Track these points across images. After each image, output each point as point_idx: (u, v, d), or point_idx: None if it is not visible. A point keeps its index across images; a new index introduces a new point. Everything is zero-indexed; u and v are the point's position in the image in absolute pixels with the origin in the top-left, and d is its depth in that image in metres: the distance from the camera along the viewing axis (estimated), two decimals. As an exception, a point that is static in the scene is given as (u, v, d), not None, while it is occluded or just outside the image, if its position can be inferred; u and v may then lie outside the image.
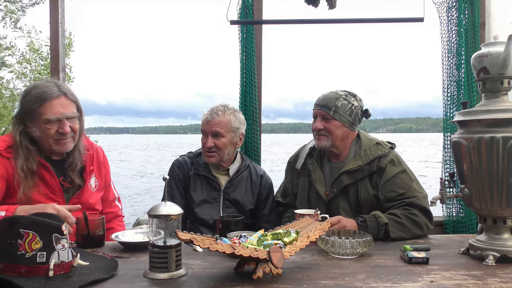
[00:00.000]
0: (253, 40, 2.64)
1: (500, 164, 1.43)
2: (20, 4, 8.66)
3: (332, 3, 2.28)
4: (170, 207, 1.33)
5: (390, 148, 2.03)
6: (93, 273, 1.30)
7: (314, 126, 2.05)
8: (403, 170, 1.96)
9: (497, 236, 1.51)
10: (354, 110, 2.02)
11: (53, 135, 1.82)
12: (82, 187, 1.94)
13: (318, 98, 2.07)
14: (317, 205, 1.97)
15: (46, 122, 1.80)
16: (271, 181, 2.35)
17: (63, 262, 1.27)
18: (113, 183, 2.18)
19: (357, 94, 2.06)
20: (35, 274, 1.22)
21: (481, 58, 1.50)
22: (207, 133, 2.17)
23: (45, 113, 1.79)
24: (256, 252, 1.28)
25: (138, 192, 12.78)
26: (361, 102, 2.07)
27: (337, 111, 1.99)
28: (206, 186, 2.20)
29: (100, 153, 2.09)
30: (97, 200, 2.02)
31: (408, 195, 1.89)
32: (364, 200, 1.96)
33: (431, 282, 1.27)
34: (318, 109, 2.04)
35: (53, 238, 1.25)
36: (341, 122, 2.00)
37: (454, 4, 2.62)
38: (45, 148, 1.87)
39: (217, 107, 2.20)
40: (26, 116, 1.82)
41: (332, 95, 2.03)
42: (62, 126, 1.82)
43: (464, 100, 2.49)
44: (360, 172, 1.98)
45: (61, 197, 1.87)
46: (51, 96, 1.80)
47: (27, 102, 1.81)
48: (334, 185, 2.02)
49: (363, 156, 1.99)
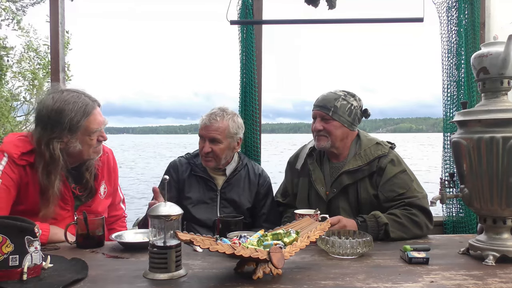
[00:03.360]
0: (253, 40, 2.63)
1: (500, 164, 1.43)
2: (21, 4, 8.66)
3: (332, 3, 2.28)
4: (170, 207, 1.33)
5: (390, 148, 2.03)
6: (64, 274, 1.29)
7: (313, 127, 2.05)
8: (403, 170, 1.96)
9: (497, 236, 1.51)
10: (353, 110, 2.02)
11: (94, 145, 1.83)
12: (93, 196, 1.92)
13: (317, 99, 2.07)
14: (317, 205, 1.97)
15: (91, 133, 1.79)
16: (269, 180, 2.35)
17: (36, 265, 1.26)
18: (119, 186, 2.17)
19: (356, 94, 2.05)
20: (8, 279, 1.20)
21: (481, 58, 1.50)
22: (204, 138, 2.17)
23: (91, 125, 1.78)
24: (256, 252, 1.27)
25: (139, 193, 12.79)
26: (360, 102, 2.07)
27: (336, 111, 1.99)
28: (203, 187, 2.21)
29: (110, 158, 2.06)
30: (105, 208, 2.01)
31: (408, 195, 1.89)
32: (364, 200, 1.96)
33: (431, 282, 1.27)
34: (318, 109, 2.04)
35: (25, 240, 1.24)
36: (340, 122, 2.00)
37: (454, 4, 2.62)
38: (75, 159, 1.83)
39: (216, 112, 2.19)
40: (68, 132, 1.75)
41: (331, 95, 2.03)
42: (101, 135, 1.85)
43: (464, 100, 2.49)
44: (360, 172, 1.98)
45: (71, 205, 1.85)
46: (93, 107, 1.80)
47: (71, 119, 1.73)
48: (334, 185, 2.02)
49: (363, 156, 1.99)
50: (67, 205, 1.84)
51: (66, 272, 1.31)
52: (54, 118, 1.73)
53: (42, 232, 1.47)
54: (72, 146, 1.77)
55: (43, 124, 1.75)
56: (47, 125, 1.74)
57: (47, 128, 1.74)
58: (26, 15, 8.53)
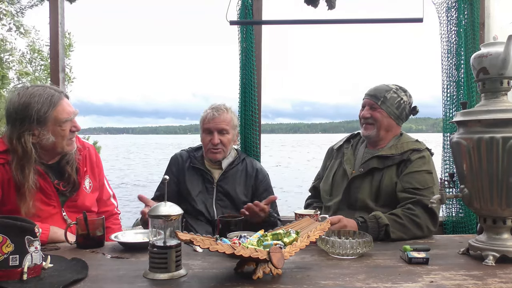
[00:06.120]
0: (252, 40, 2.64)
1: (500, 164, 1.43)
2: (19, 6, 8.66)
3: (331, 4, 2.28)
4: (170, 207, 1.33)
5: (426, 148, 2.04)
6: (64, 275, 1.29)
7: (361, 114, 2.11)
8: (429, 171, 1.95)
9: (496, 236, 1.51)
10: (402, 104, 2.06)
11: (68, 136, 1.83)
12: (77, 190, 1.92)
13: (369, 89, 2.13)
14: (339, 183, 2.06)
15: (61, 124, 1.80)
16: (268, 177, 2.38)
17: (36, 265, 1.26)
18: (107, 181, 2.16)
19: (408, 90, 2.10)
20: (8, 278, 1.20)
21: (480, 59, 1.51)
22: (212, 130, 2.23)
23: (60, 115, 1.79)
24: (256, 252, 1.28)
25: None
26: (411, 98, 2.11)
27: (385, 102, 2.05)
28: (201, 179, 2.28)
29: (92, 153, 2.06)
30: (93, 202, 2.01)
31: (422, 193, 1.87)
32: (385, 187, 1.96)
33: (431, 283, 1.27)
34: (368, 98, 2.10)
35: (25, 240, 1.24)
36: (387, 113, 2.05)
37: (453, 4, 2.63)
38: (51, 152, 1.84)
39: (219, 105, 2.28)
40: (37, 124, 1.76)
41: (383, 87, 2.09)
42: (74, 125, 1.85)
43: (464, 100, 2.49)
44: (391, 160, 2.00)
45: (56, 201, 1.86)
46: (59, 98, 1.81)
47: (38, 110, 1.74)
48: (362, 166, 2.05)
49: (399, 147, 2.03)
50: (51, 201, 1.84)
51: (66, 272, 1.31)
52: (21, 112, 1.76)
53: (42, 232, 1.47)
54: (45, 138, 1.78)
55: (12, 120, 1.78)
56: (15, 121, 1.77)
57: (16, 124, 1.77)
58: (24, 17, 8.54)
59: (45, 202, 1.82)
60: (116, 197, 2.22)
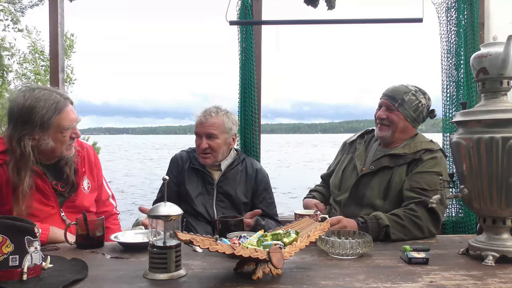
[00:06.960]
0: (252, 40, 2.64)
1: (500, 164, 1.43)
2: (20, 6, 8.66)
3: (331, 4, 2.28)
4: (170, 207, 1.33)
5: (440, 149, 2.02)
6: (64, 275, 1.29)
7: (377, 115, 2.09)
8: (439, 172, 1.91)
9: (496, 237, 1.51)
10: (420, 107, 2.03)
11: (67, 142, 1.83)
12: (76, 190, 1.92)
13: (387, 89, 2.10)
14: (348, 178, 2.05)
15: (63, 130, 1.79)
16: (268, 177, 2.38)
17: (36, 265, 1.26)
18: (105, 182, 2.16)
19: (427, 92, 2.07)
20: (8, 279, 1.20)
21: (480, 59, 1.51)
22: (201, 134, 2.22)
23: (63, 122, 1.79)
24: (256, 252, 1.27)
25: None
26: (430, 101, 2.08)
27: (402, 104, 2.02)
28: (201, 180, 2.27)
29: (90, 153, 2.06)
30: (92, 203, 2.01)
31: (428, 194, 1.83)
32: (395, 185, 1.95)
33: (430, 283, 1.27)
34: (385, 98, 2.07)
35: (25, 240, 1.24)
36: (404, 115, 2.02)
37: (453, 4, 2.63)
38: (49, 155, 1.84)
39: (210, 108, 2.26)
40: (39, 129, 1.76)
41: (402, 88, 2.05)
42: (74, 131, 1.85)
43: (464, 100, 2.49)
44: (402, 159, 1.98)
45: (54, 201, 1.85)
46: (64, 104, 1.80)
47: (42, 116, 1.74)
48: (373, 163, 2.04)
49: (412, 147, 2.01)
50: (49, 201, 1.84)
51: (66, 272, 1.31)
52: (25, 115, 1.75)
53: (42, 232, 1.47)
54: (44, 143, 1.78)
55: (14, 121, 1.77)
56: (18, 123, 1.76)
57: (18, 126, 1.76)
58: (24, 16, 8.54)
59: (43, 203, 1.82)
60: (115, 197, 2.22)
